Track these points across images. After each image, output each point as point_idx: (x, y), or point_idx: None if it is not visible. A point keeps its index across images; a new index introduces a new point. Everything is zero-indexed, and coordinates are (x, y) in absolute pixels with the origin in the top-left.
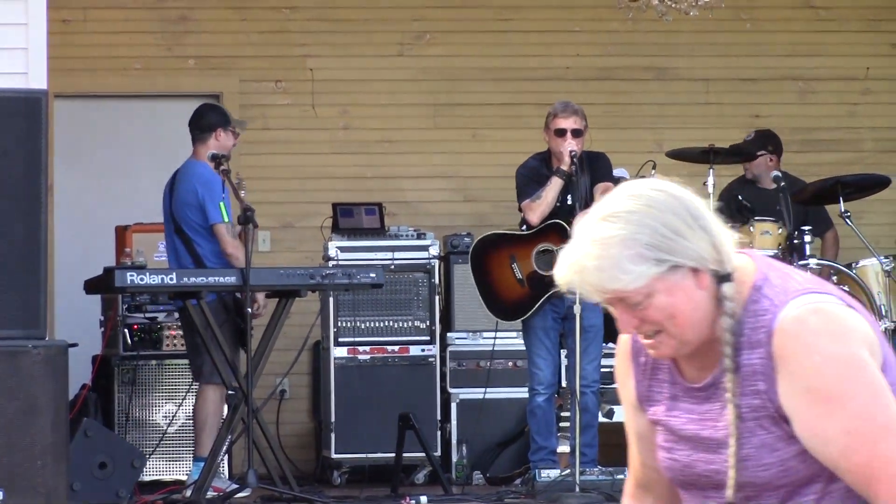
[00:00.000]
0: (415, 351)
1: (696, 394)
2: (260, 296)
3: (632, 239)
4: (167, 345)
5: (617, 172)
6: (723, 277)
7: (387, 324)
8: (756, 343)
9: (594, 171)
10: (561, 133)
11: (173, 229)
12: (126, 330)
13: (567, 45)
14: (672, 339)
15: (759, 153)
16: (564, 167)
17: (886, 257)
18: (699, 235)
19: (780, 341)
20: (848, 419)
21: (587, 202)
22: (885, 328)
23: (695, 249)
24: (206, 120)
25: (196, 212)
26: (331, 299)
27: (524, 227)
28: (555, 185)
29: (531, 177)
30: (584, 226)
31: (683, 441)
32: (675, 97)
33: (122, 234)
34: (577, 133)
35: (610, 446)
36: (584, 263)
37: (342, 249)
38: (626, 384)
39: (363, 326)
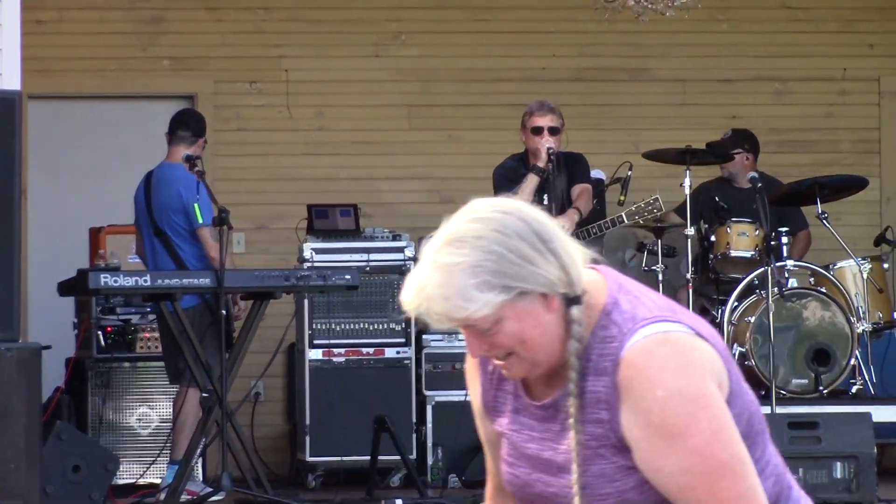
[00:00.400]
0: (390, 353)
1: (535, 411)
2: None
3: (478, 266)
4: (141, 347)
5: (593, 174)
6: (572, 300)
7: (362, 326)
8: (602, 371)
9: (571, 173)
10: (538, 131)
11: (152, 232)
12: (100, 332)
13: (543, 45)
14: (524, 362)
15: (735, 151)
16: (541, 164)
17: (864, 259)
18: (548, 260)
19: (625, 372)
20: (687, 457)
21: (563, 203)
22: (864, 330)
23: (543, 275)
24: (201, 125)
25: (181, 216)
26: (305, 301)
27: None
28: (530, 182)
29: (508, 176)
30: (430, 249)
31: (524, 458)
32: (651, 98)
33: (95, 235)
34: (553, 131)
35: None
36: (429, 292)
37: (317, 251)
38: (473, 391)
39: (338, 328)
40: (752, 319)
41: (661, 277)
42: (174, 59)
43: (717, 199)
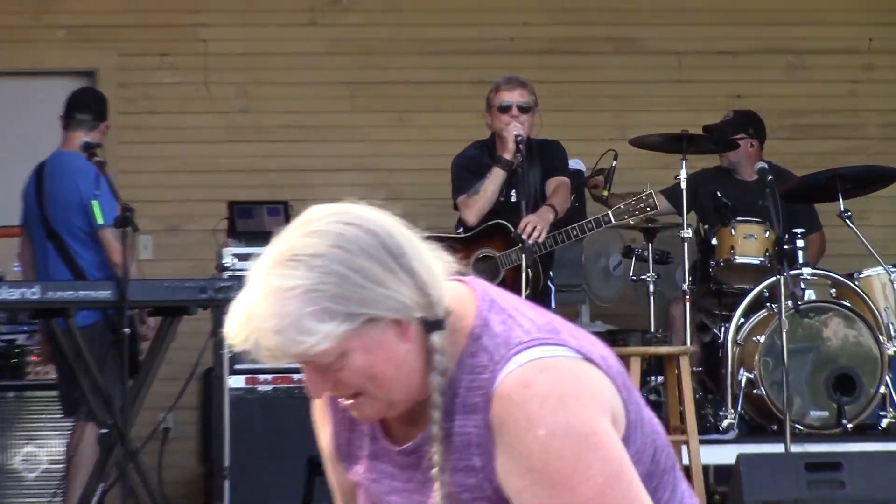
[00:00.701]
0: None
1: (396, 457)
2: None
3: (316, 291)
4: (29, 373)
5: (571, 164)
6: (432, 325)
7: None
8: (472, 408)
9: (546, 163)
10: (505, 108)
11: (44, 234)
12: None
13: (511, 11)
14: (376, 402)
15: (737, 136)
16: (508, 155)
17: (895, 266)
18: (401, 279)
19: (498, 408)
20: None
21: (537, 199)
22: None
23: (396, 298)
24: (103, 107)
25: (79, 215)
26: (225, 318)
27: (460, 230)
28: (495, 176)
29: (470, 168)
30: (259, 270)
31: None
32: (640, 74)
33: None
34: (524, 108)
35: None
36: (258, 324)
37: (240, 257)
38: (323, 432)
39: None
40: (762, 339)
41: (651, 288)
42: (71, 28)
43: (718, 193)
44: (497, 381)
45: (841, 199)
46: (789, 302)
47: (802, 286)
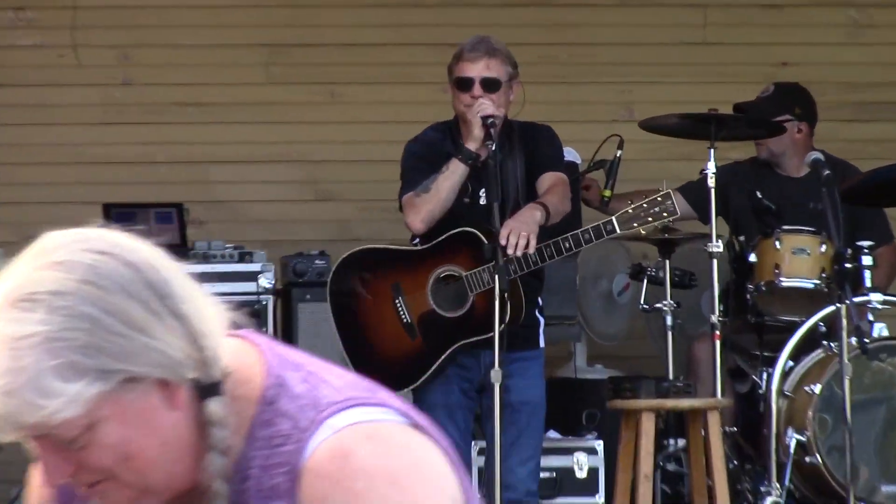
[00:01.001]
0: None
1: None
2: None
3: (59, 339)
4: None
5: (565, 155)
6: (208, 389)
7: None
8: (271, 491)
9: (532, 154)
10: (465, 84)
11: None
12: None
13: None
14: (127, 489)
15: (780, 117)
16: (473, 144)
17: None
18: (169, 326)
19: (311, 488)
20: None
21: (518, 202)
22: None
23: (162, 350)
24: None
25: None
26: None
27: (416, 241)
28: (453, 171)
29: (425, 157)
30: None
31: None
32: (653, 34)
33: None
34: (490, 85)
35: None
36: None
37: None
38: None
39: None
40: (818, 389)
41: (669, 321)
42: None
43: (758, 194)
44: (307, 453)
45: None
46: (853, 339)
47: (870, 318)
